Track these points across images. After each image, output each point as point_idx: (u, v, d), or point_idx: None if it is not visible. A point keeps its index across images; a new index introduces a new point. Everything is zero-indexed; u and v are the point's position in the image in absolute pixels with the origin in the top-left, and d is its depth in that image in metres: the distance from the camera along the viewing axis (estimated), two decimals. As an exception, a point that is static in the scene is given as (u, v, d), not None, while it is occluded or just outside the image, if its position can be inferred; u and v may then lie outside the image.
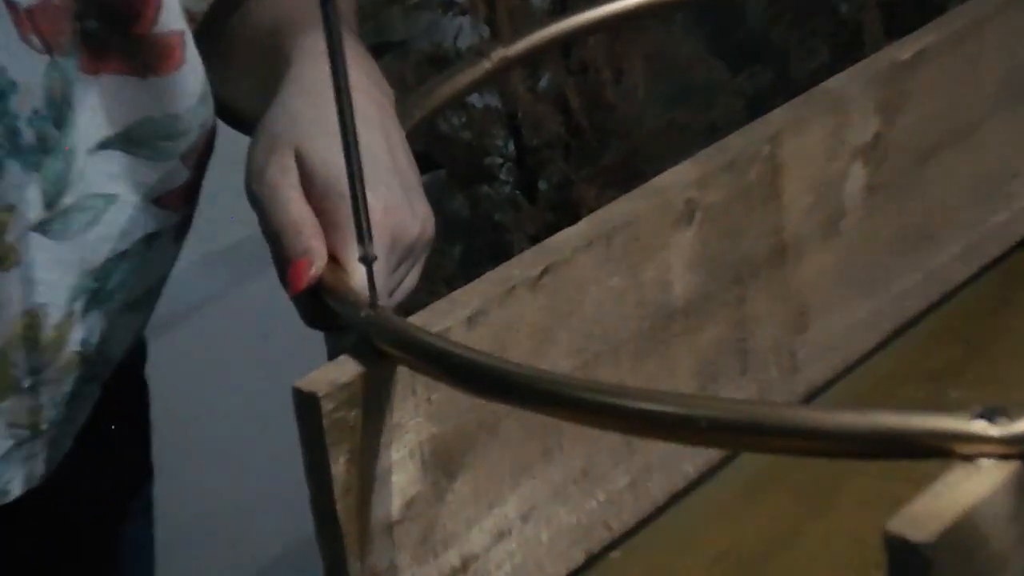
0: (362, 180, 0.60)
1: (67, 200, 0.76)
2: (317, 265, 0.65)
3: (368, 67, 0.74)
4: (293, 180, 0.67)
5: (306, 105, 0.69)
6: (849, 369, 0.86)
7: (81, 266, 0.77)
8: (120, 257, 0.79)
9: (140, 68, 0.75)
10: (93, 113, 0.75)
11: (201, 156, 0.80)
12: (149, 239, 0.80)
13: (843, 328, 0.85)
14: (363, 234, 0.61)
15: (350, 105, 0.59)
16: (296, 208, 0.66)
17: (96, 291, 0.79)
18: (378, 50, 1.67)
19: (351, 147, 0.60)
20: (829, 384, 0.85)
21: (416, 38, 1.99)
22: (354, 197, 0.61)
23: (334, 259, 0.66)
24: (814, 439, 0.51)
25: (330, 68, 0.59)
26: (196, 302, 1.89)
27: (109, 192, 0.77)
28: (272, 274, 0.68)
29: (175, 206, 0.80)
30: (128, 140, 0.76)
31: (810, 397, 0.84)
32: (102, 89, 0.75)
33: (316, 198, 0.67)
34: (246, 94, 0.79)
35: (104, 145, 0.76)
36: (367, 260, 0.62)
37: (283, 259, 0.66)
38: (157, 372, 0.96)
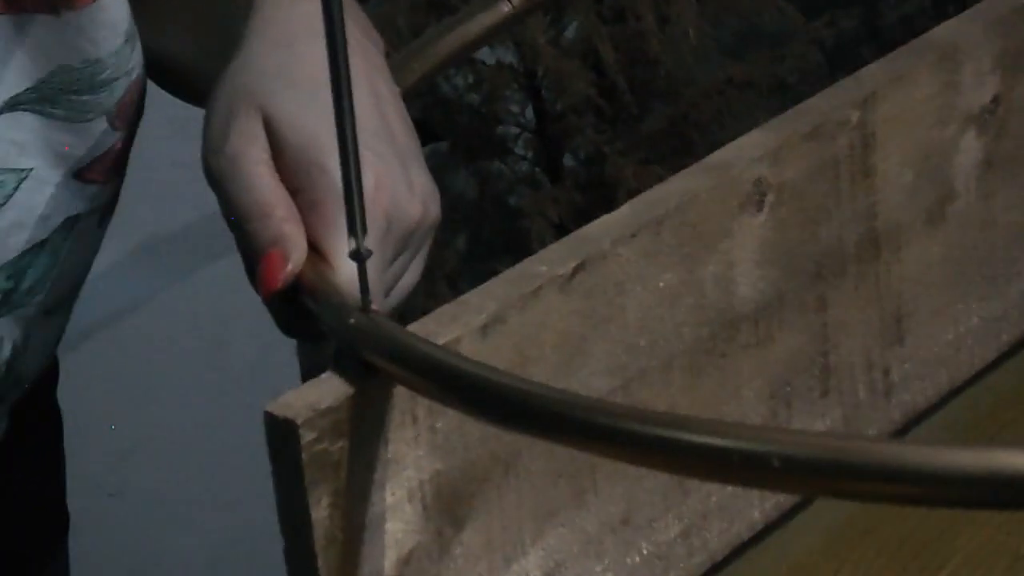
0: (356, 153, 0.60)
1: None
2: (295, 258, 0.64)
3: (352, 9, 0.73)
4: (260, 150, 0.67)
5: (275, 59, 0.69)
6: (956, 391, 0.86)
7: None
8: (37, 249, 0.78)
9: (51, 1, 0.74)
10: None
11: (130, 115, 0.79)
12: (70, 223, 0.79)
13: (950, 339, 0.84)
14: (355, 222, 0.61)
15: (346, 62, 0.58)
16: (265, 185, 0.66)
17: (8, 292, 0.78)
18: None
19: (346, 113, 0.59)
20: (931, 410, 0.85)
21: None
22: (345, 173, 0.60)
23: (314, 249, 0.65)
24: (919, 484, 0.51)
25: (323, 18, 0.58)
26: (121, 306, 1.88)
27: (20, 167, 0.77)
28: (224, 266, 0.68)
29: (101, 180, 0.80)
30: (40, 97, 0.76)
31: (907, 426, 0.84)
32: (2, 33, 0.74)
33: (289, 172, 0.67)
34: (185, 43, 0.79)
35: (11, 105, 0.75)
36: (359, 256, 0.61)
37: (251, 251, 0.65)
38: (71, 396, 0.96)
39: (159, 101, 0.83)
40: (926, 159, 0.82)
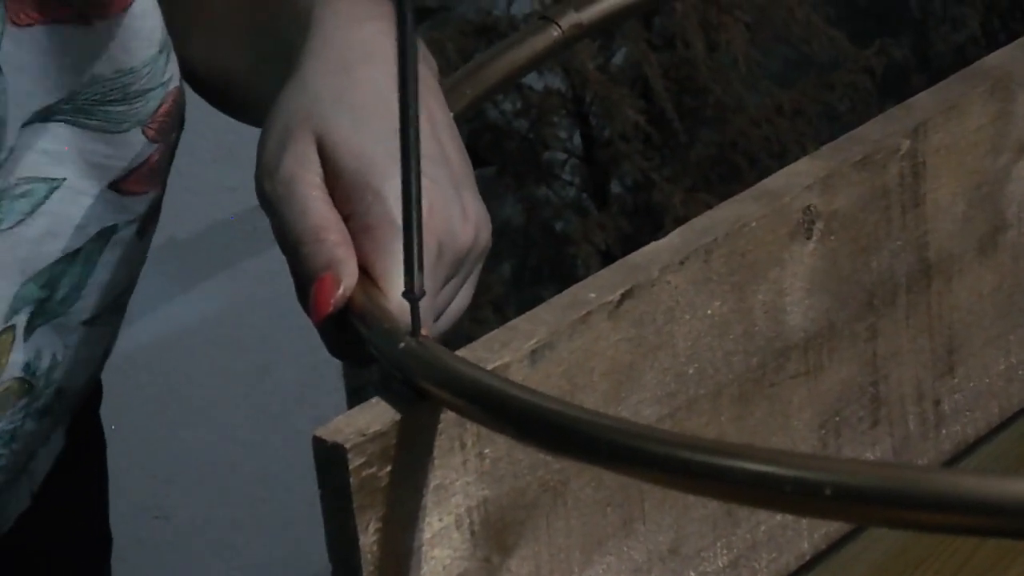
0: (419, 185, 0.59)
1: None
2: (346, 283, 0.64)
3: None
4: (315, 174, 0.67)
5: (333, 82, 0.69)
6: (1007, 422, 0.85)
7: (21, 269, 0.77)
8: (71, 258, 0.78)
9: (83, 10, 0.74)
10: (25, 75, 0.74)
11: (166, 126, 0.79)
12: (106, 234, 0.79)
13: (1001, 369, 0.84)
14: (412, 258, 0.60)
15: (415, 89, 0.58)
16: (318, 209, 0.66)
17: (43, 301, 0.78)
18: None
19: (410, 143, 0.59)
20: (981, 441, 0.84)
21: (458, 3, 2.00)
22: (407, 211, 0.59)
23: (365, 273, 0.66)
24: (973, 513, 0.50)
25: (396, 48, 0.58)
26: (167, 330, 1.88)
27: (52, 176, 0.77)
28: (270, 291, 0.68)
29: (138, 191, 0.80)
30: (75, 108, 0.76)
31: (957, 457, 0.83)
32: (35, 44, 0.74)
33: (343, 196, 0.67)
34: (238, 57, 0.79)
35: (43, 116, 0.75)
36: (413, 296, 0.61)
37: (302, 274, 0.65)
38: (116, 418, 0.96)
39: (204, 125, 0.83)
40: (977, 188, 0.81)
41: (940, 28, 1.91)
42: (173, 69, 0.78)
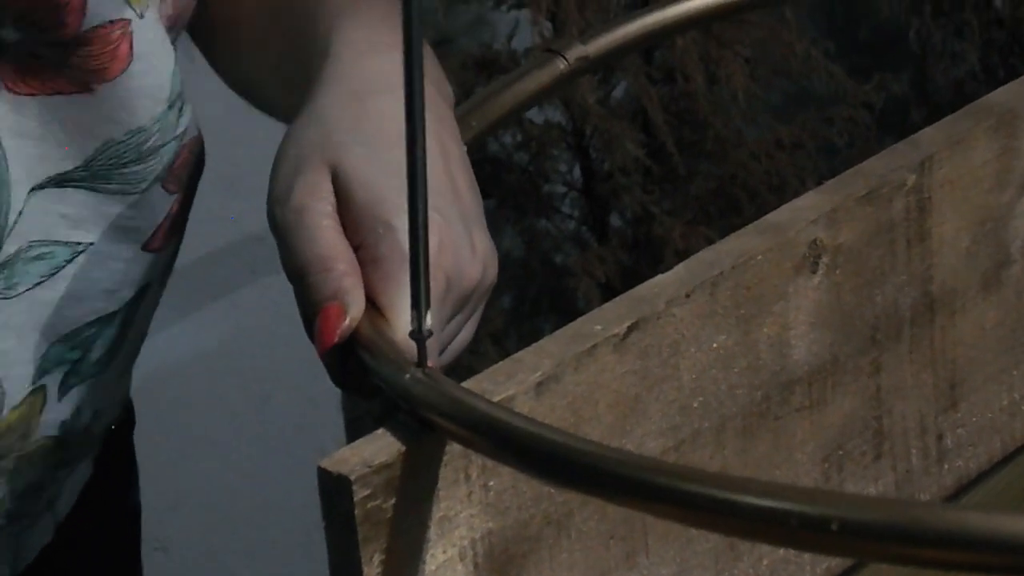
0: (426, 222, 0.59)
1: (7, 249, 0.74)
2: (353, 313, 0.64)
3: (426, 59, 0.72)
4: (326, 204, 0.67)
5: (347, 113, 0.69)
6: (1010, 457, 0.85)
7: (43, 332, 0.76)
8: (106, 321, 0.78)
9: (82, 78, 0.73)
10: (29, 141, 0.74)
11: (184, 176, 0.79)
12: (141, 294, 0.79)
13: (1004, 405, 0.84)
14: (420, 296, 0.60)
15: (423, 127, 0.58)
16: (328, 238, 0.66)
17: (76, 363, 0.78)
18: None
19: (417, 179, 0.59)
20: (984, 476, 0.84)
21: (459, 36, 2.01)
22: (414, 249, 0.59)
23: (372, 304, 0.65)
24: (980, 550, 0.50)
25: (404, 79, 0.58)
26: (167, 362, 1.88)
27: (75, 240, 0.76)
28: (270, 321, 0.68)
29: (163, 245, 0.80)
30: (91, 176, 0.75)
31: (960, 492, 0.83)
32: (38, 112, 0.73)
33: (354, 227, 0.67)
34: (262, 70, 0.79)
35: (59, 182, 0.75)
36: (420, 336, 0.61)
37: (309, 303, 0.65)
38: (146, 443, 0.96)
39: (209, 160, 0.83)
40: (982, 224, 0.81)
41: (939, 63, 1.91)
42: (187, 121, 0.78)
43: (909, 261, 0.78)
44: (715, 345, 0.72)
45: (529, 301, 1.99)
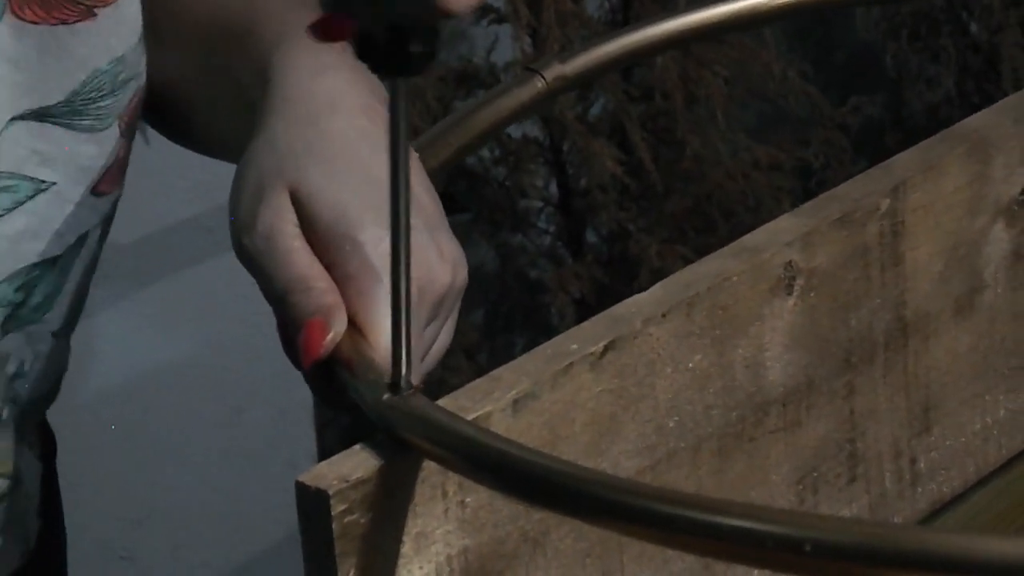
0: (408, 242, 0.60)
1: None
2: (336, 328, 0.65)
3: (367, 79, 0.73)
4: (293, 226, 0.67)
5: (301, 135, 0.69)
6: (983, 481, 0.85)
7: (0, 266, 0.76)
8: (49, 264, 0.78)
9: (87, 3, 0.74)
10: (21, 70, 0.74)
11: (134, 119, 0.79)
12: (81, 240, 0.79)
13: (977, 429, 0.84)
14: (400, 315, 0.61)
15: (407, 160, 0.59)
16: (302, 260, 0.66)
17: (17, 305, 0.78)
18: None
19: (399, 203, 0.60)
20: (957, 499, 0.84)
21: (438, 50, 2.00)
22: (395, 265, 0.60)
23: (350, 321, 0.66)
24: (957, 572, 0.51)
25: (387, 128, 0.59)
26: (138, 371, 1.87)
27: (40, 177, 0.76)
28: (243, 332, 0.69)
29: (109, 191, 0.80)
30: (71, 111, 0.76)
31: (933, 515, 0.83)
32: (39, 43, 0.74)
33: (321, 247, 0.67)
34: (188, 80, 0.79)
35: (39, 115, 0.75)
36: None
37: (292, 323, 0.66)
38: (87, 460, 0.95)
39: (181, 165, 0.84)
40: (955, 249, 0.82)
41: (915, 87, 1.92)
42: (144, 61, 0.78)
43: (883, 285, 0.79)
44: (691, 365, 0.72)
45: (503, 316, 2.00)
